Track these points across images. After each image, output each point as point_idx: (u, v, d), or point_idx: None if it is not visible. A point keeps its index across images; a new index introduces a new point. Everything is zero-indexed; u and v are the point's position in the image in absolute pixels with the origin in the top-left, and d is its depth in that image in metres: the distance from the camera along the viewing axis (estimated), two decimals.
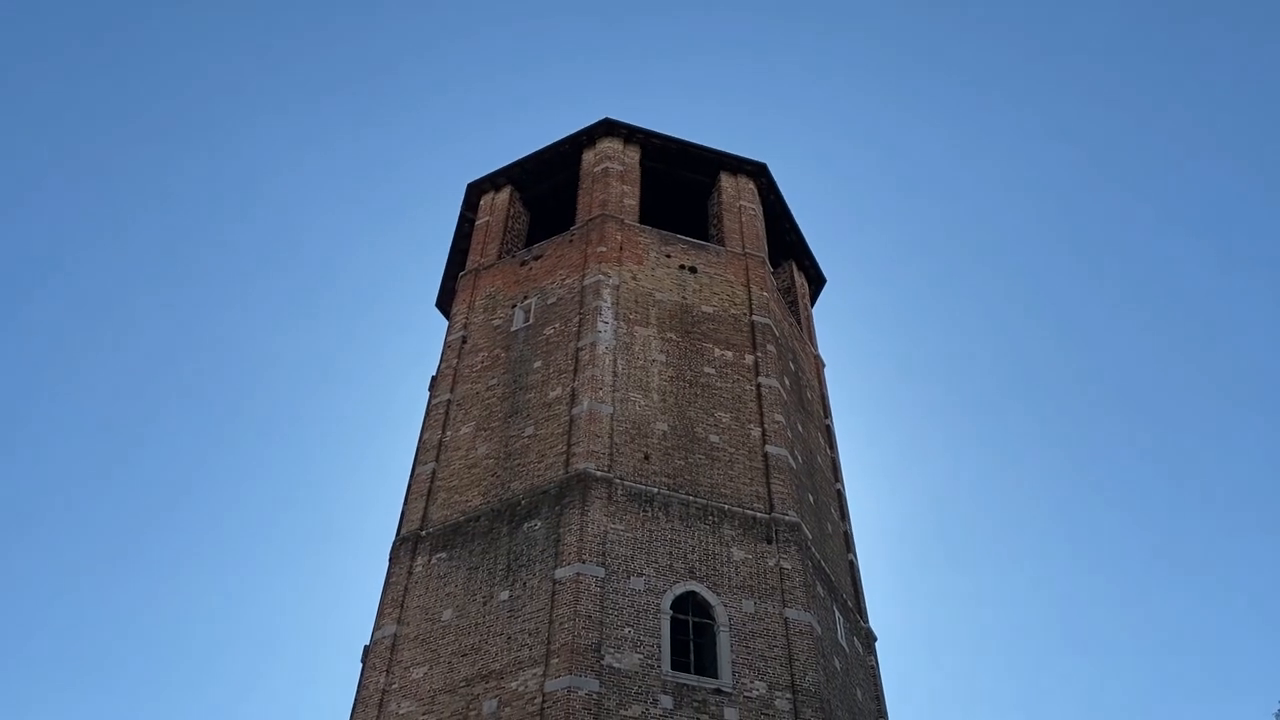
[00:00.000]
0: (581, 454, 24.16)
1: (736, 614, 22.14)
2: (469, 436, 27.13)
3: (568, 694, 19.53)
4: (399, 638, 22.97)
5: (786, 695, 21.03)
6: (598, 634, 20.66)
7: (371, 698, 21.99)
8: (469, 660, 21.57)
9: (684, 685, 20.55)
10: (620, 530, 22.75)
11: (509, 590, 22.39)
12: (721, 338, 28.80)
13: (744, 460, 25.69)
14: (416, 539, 24.89)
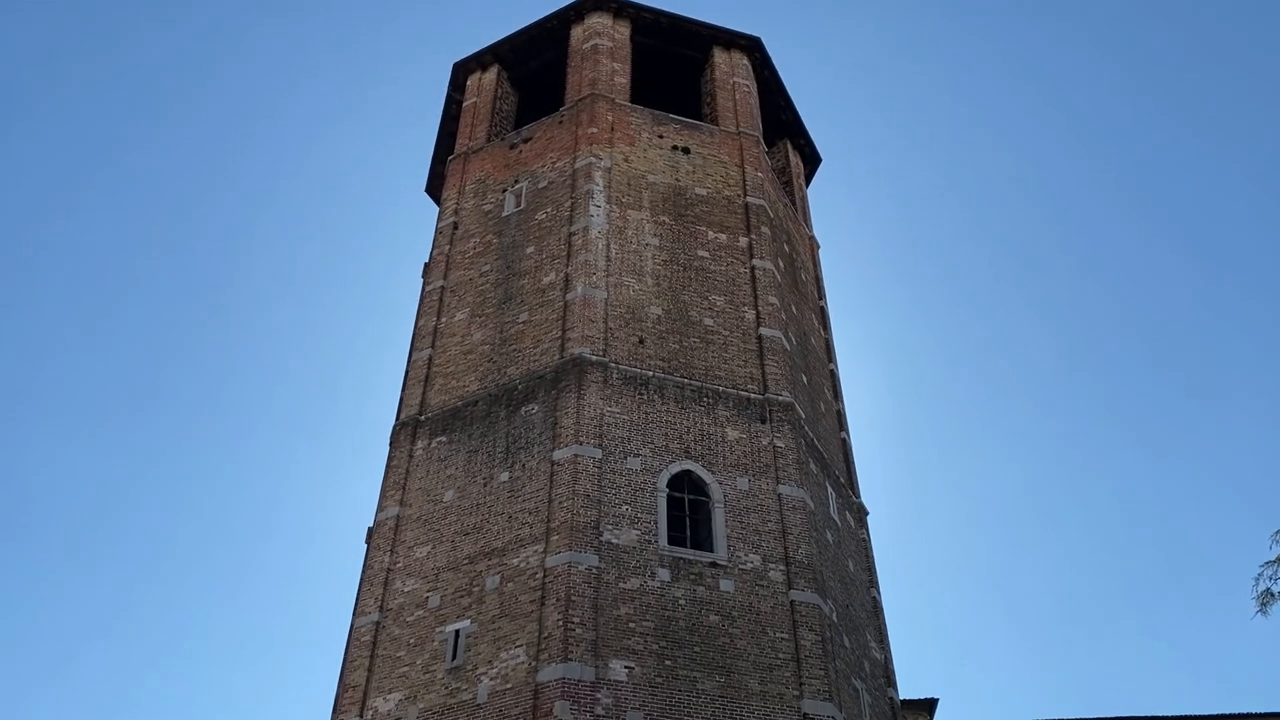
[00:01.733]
0: (576, 339, 24.29)
1: (731, 491, 22.63)
2: (464, 323, 27.20)
3: (568, 568, 20.11)
4: (402, 519, 23.49)
5: (780, 567, 21.67)
6: (596, 512, 21.15)
7: (377, 576, 22.62)
8: (471, 539, 22.13)
9: (680, 559, 21.15)
10: (616, 413, 23.05)
11: (508, 472, 22.81)
12: (715, 220, 28.61)
13: (738, 343, 25.86)
14: (416, 424, 25.22)
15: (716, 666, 19.78)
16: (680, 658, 19.67)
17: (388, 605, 22.02)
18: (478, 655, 20.06)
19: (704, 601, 20.63)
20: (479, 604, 20.86)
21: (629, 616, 19.91)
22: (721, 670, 19.76)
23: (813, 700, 19.80)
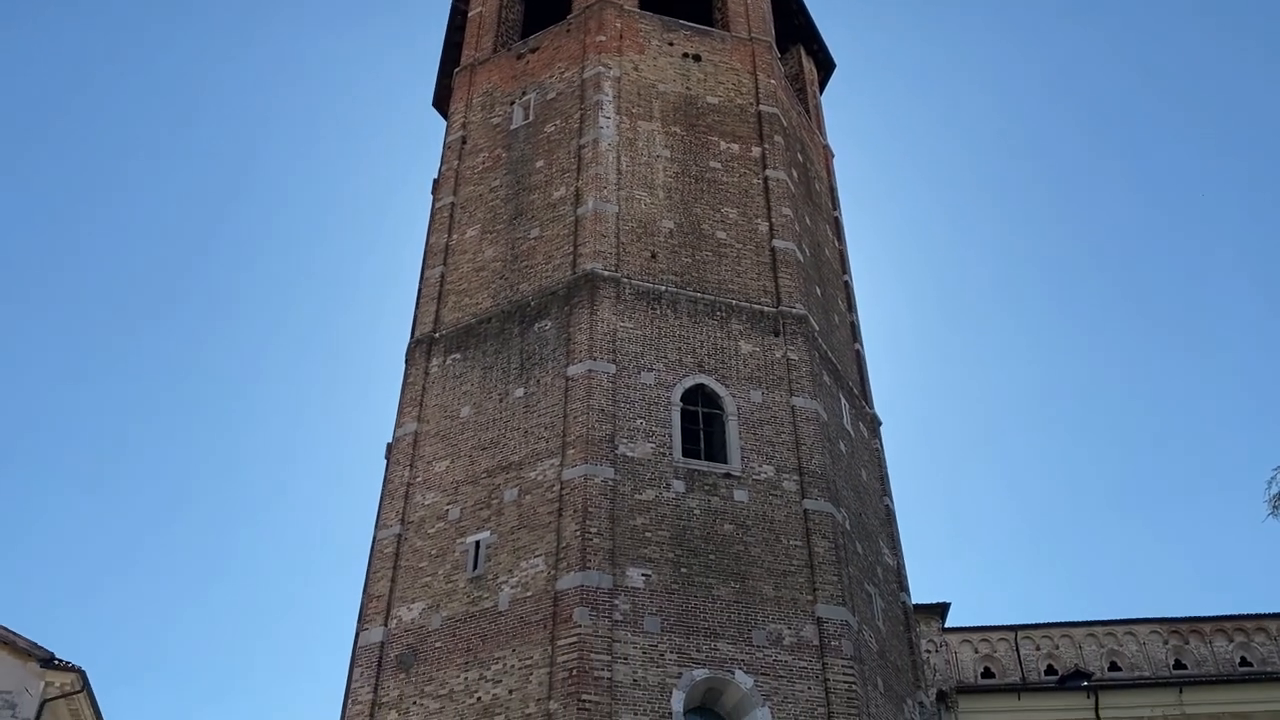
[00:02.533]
0: (588, 254, 24.25)
1: (745, 404, 22.81)
2: (475, 240, 27.15)
3: (584, 481, 20.45)
4: (420, 434, 23.83)
5: (794, 477, 21.98)
6: (611, 426, 21.40)
7: (397, 490, 23.06)
8: (488, 453, 22.47)
9: (695, 470, 21.46)
10: (629, 328, 23.14)
11: (524, 387, 23.03)
12: (727, 130, 28.24)
13: (751, 255, 25.77)
14: (430, 341, 25.39)
15: (731, 573, 20.22)
16: (696, 565, 20.11)
17: (409, 518, 22.50)
18: (498, 565, 20.56)
19: (718, 511, 21.00)
20: (498, 516, 21.29)
21: (645, 526, 20.31)
22: (736, 577, 20.20)
23: (826, 605, 20.28)
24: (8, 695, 22.63)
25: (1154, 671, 31.00)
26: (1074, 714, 28.48)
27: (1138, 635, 32.15)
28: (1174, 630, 32.17)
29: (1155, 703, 28.54)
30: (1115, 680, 30.46)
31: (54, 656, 23.27)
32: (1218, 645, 31.74)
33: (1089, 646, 31.98)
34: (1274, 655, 31.33)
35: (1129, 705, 28.58)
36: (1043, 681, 30.77)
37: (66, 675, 23.28)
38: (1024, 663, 31.72)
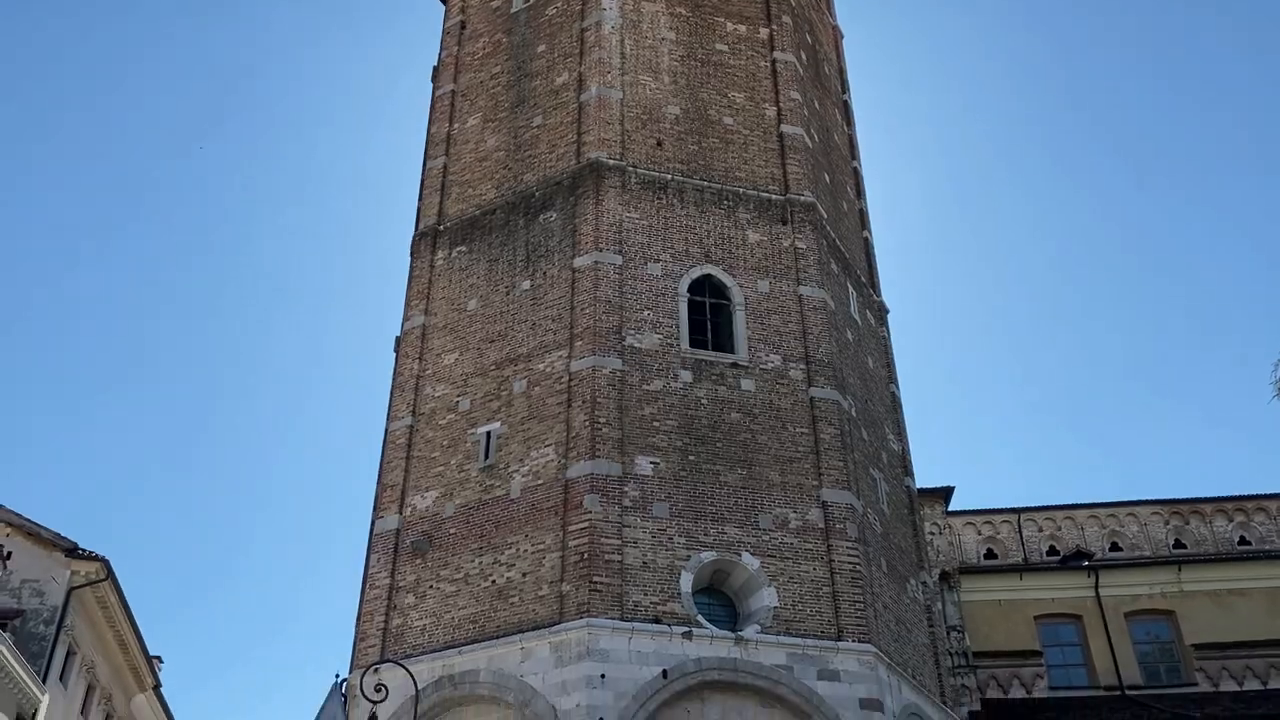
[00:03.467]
0: (592, 142, 23.86)
1: (752, 294, 22.76)
2: (477, 129, 26.70)
3: (592, 372, 20.58)
4: (428, 328, 23.89)
5: (800, 366, 22.08)
6: (618, 317, 21.42)
7: (407, 383, 23.25)
8: (496, 346, 22.56)
9: (702, 361, 21.56)
10: (635, 218, 22.93)
11: (530, 280, 22.97)
12: (734, 10, 27.41)
13: (759, 142, 25.33)
14: (435, 233, 25.23)
15: (738, 460, 20.51)
16: (703, 453, 20.38)
17: (420, 410, 22.74)
18: (509, 454, 20.86)
19: (725, 400, 21.17)
20: (508, 407, 21.50)
21: (653, 416, 20.52)
22: (743, 464, 20.50)
23: (831, 489, 20.61)
24: (35, 584, 23.32)
25: (1154, 551, 31.67)
26: (1074, 593, 29.20)
27: (1139, 516, 32.74)
28: (1175, 511, 32.73)
29: (1154, 580, 29.21)
30: (1115, 560, 31.14)
31: (77, 546, 23.88)
32: (1217, 525, 32.32)
33: (1090, 528, 32.60)
34: (1273, 534, 31.93)
35: (1128, 583, 29.27)
36: (1044, 562, 31.48)
37: (91, 564, 23.92)
38: (1026, 544, 32.40)
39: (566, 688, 17.48)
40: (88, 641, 25.16)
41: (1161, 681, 27.86)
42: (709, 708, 18.02)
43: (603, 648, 17.70)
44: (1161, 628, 28.88)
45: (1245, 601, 28.58)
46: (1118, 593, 29.00)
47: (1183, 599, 28.79)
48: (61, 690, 23.77)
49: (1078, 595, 29.09)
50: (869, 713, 18.30)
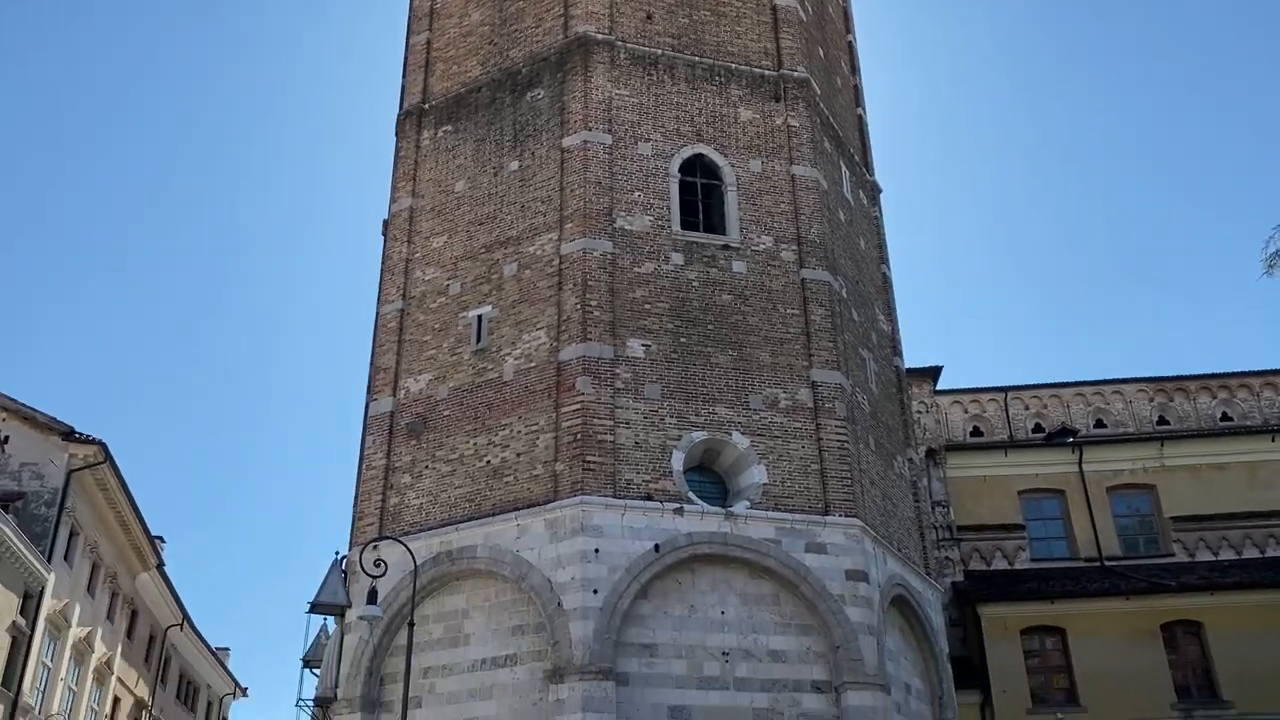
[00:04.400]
0: (580, 15, 23.16)
1: (744, 174, 22.48)
2: (461, 2, 25.87)
3: (583, 255, 20.47)
4: (415, 210, 23.63)
5: (792, 247, 21.98)
6: (608, 199, 21.19)
7: (397, 266, 23.12)
8: (486, 229, 22.36)
9: (693, 243, 21.44)
10: (625, 95, 22.44)
11: (518, 160, 22.61)
12: None
13: (751, 15, 24.62)
14: (420, 112, 24.70)
15: (729, 342, 20.61)
16: (694, 335, 20.46)
17: (410, 293, 22.68)
18: (501, 338, 20.92)
19: (717, 282, 21.14)
20: (498, 290, 21.45)
21: (644, 299, 20.51)
22: (734, 345, 20.61)
23: (821, 370, 20.79)
24: (34, 467, 23.60)
25: (1138, 428, 32.21)
26: (1057, 468, 29.83)
27: (1124, 394, 33.17)
28: (1160, 389, 33.16)
29: (1136, 456, 29.84)
30: (1099, 436, 31.70)
31: (74, 430, 24.07)
32: (1201, 402, 32.81)
33: (1076, 406, 33.07)
34: (1254, 411, 32.45)
35: (1111, 459, 29.89)
36: (1029, 439, 32.04)
37: (88, 448, 24.16)
38: (1012, 422, 32.90)
39: (561, 562, 17.96)
40: (89, 523, 25.62)
41: (1140, 553, 28.75)
42: (699, 579, 18.57)
43: (596, 524, 18.12)
44: (1142, 501, 29.64)
45: (1224, 476, 29.27)
46: (1100, 468, 29.64)
47: (1164, 473, 29.47)
48: (67, 569, 24.32)
49: (1061, 471, 29.73)
50: (854, 583, 18.88)
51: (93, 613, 26.21)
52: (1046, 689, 25.32)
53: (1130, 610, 25.58)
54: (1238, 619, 25.15)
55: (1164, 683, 24.78)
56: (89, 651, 25.86)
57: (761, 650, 18.20)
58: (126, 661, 29.42)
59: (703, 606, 18.34)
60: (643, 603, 17.98)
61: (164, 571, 31.22)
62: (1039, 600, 26.05)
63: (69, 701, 24.83)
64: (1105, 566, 27.94)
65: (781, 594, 18.74)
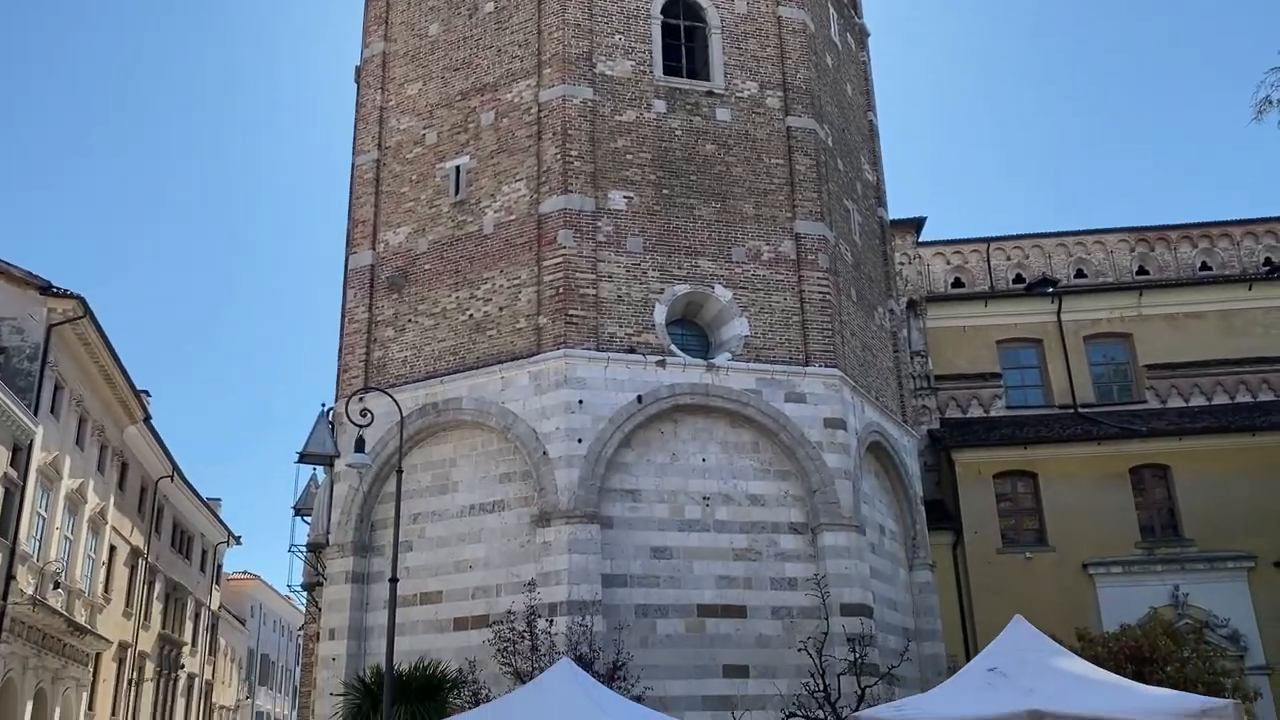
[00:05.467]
0: None
1: (729, 15, 21.72)
2: None
3: (562, 102, 19.94)
4: (388, 55, 22.84)
5: (777, 93, 21.46)
6: (587, 42, 20.50)
7: (371, 115, 22.52)
8: (461, 75, 21.68)
9: (676, 89, 20.88)
10: None
11: (493, 1, 21.74)
12: None
13: None
14: None
15: (713, 193, 20.36)
16: (677, 186, 20.18)
17: (386, 143, 22.16)
18: (480, 190, 20.58)
19: (700, 131, 20.72)
20: (476, 140, 20.97)
21: (626, 149, 20.11)
22: (717, 197, 20.37)
23: (805, 221, 20.64)
24: (13, 321, 23.46)
25: (1117, 278, 32.41)
26: (1036, 318, 30.13)
27: (1106, 244, 33.23)
28: (1141, 238, 33.21)
29: (1115, 305, 30.13)
30: (1079, 286, 31.91)
31: (51, 284, 23.83)
32: (1182, 252, 32.93)
33: (1058, 256, 33.14)
34: (1234, 260, 32.64)
35: (1089, 308, 30.18)
36: (1009, 289, 32.23)
37: (67, 302, 23.97)
38: (994, 273, 33.02)
39: (546, 413, 18.22)
40: (73, 377, 25.68)
41: (1114, 400, 29.39)
42: (681, 429, 18.93)
43: (579, 376, 18.30)
44: (1118, 350, 30.11)
45: (1200, 324, 29.66)
46: (1078, 317, 29.96)
47: (1141, 322, 29.84)
48: (54, 422, 24.52)
49: (1040, 320, 30.04)
50: (832, 430, 19.30)
51: (83, 465, 26.57)
52: (1017, 530, 26.29)
53: (1100, 454, 26.33)
54: (1203, 463, 25.96)
55: (1129, 523, 25.76)
56: (82, 502, 26.35)
57: (741, 495, 18.73)
58: (120, 512, 30.03)
59: (684, 454, 18.76)
60: (626, 451, 18.36)
61: (151, 425, 31.52)
62: (1012, 445, 26.75)
63: (66, 550, 25.46)
64: (1079, 413, 28.59)
65: (761, 442, 19.15)
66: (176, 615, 37.12)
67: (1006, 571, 24.87)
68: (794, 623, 17.53)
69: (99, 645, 27.80)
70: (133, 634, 31.76)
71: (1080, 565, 25.15)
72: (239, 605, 49.75)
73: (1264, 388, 28.92)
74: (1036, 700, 7.34)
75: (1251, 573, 24.98)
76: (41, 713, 24.38)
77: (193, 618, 39.47)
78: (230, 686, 47.53)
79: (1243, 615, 24.54)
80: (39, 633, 23.36)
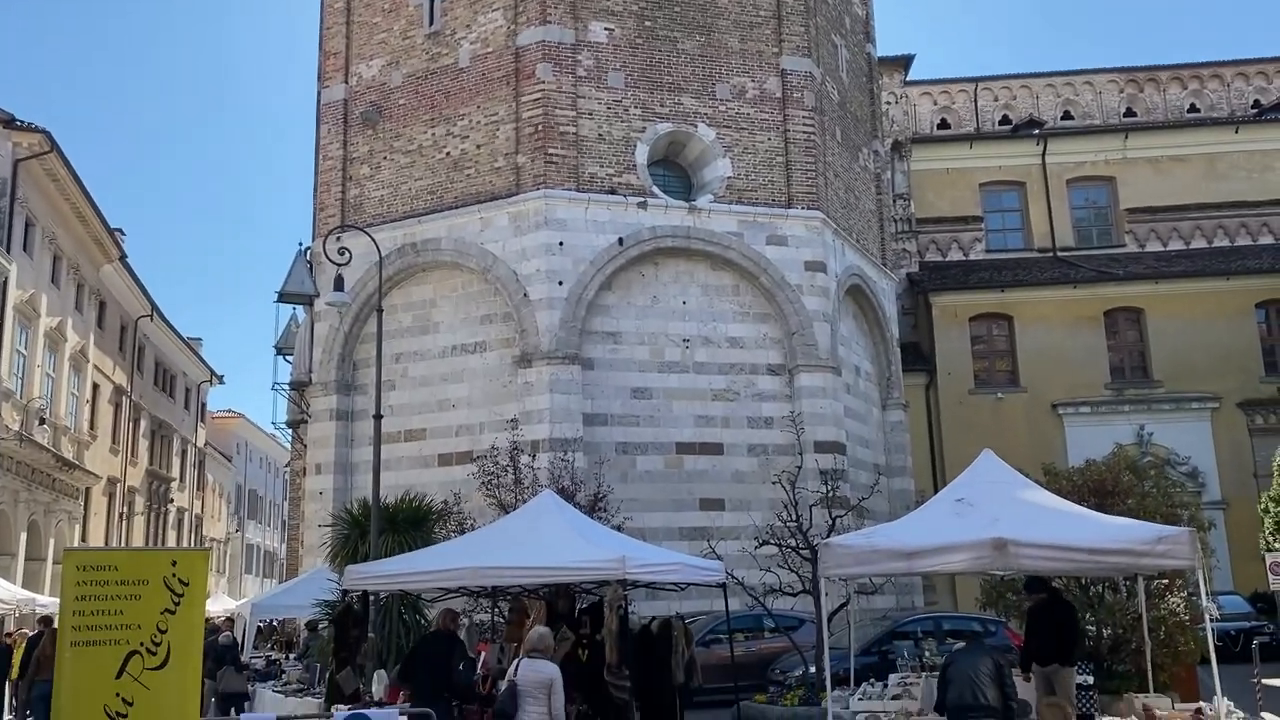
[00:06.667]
0: None
1: None
2: None
3: None
4: None
5: None
6: None
7: None
8: None
9: None
10: None
11: None
12: None
13: None
14: None
15: (697, 26, 19.71)
16: (660, 18, 19.50)
17: None
18: (455, 20, 19.82)
19: None
20: None
21: None
22: (702, 29, 19.73)
23: (791, 57, 20.10)
24: None
25: (1104, 120, 31.99)
26: (1021, 160, 29.85)
27: (1095, 85, 32.65)
28: (1131, 79, 32.62)
29: (1100, 148, 29.83)
30: (1065, 128, 31.52)
31: (15, 118, 23.06)
32: (1171, 94, 32.43)
33: (1046, 97, 32.58)
34: (1223, 102, 32.21)
35: (1074, 150, 29.89)
36: (995, 130, 31.80)
37: (32, 136, 23.26)
38: (980, 114, 32.50)
39: (526, 254, 18.13)
40: (45, 214, 25.19)
41: (1093, 244, 29.48)
42: (662, 272, 18.93)
43: (560, 217, 18.14)
44: (1100, 193, 30.01)
45: (1184, 167, 29.50)
46: (1063, 159, 29.70)
47: (1124, 165, 29.63)
48: (28, 260, 24.19)
49: (1024, 163, 29.76)
50: (812, 274, 19.35)
51: (61, 303, 26.37)
52: (990, 372, 26.80)
53: (1076, 298, 26.61)
54: (1177, 306, 26.31)
55: (1100, 365, 26.28)
56: (62, 340, 26.28)
57: (720, 337, 18.92)
58: (101, 350, 30.01)
59: (665, 297, 18.82)
60: (607, 294, 18.40)
61: (127, 263, 31.14)
62: (989, 289, 26.95)
63: (49, 388, 25.56)
64: (1057, 257, 28.71)
65: (741, 285, 19.21)
66: (163, 452, 37.69)
67: (977, 412, 25.48)
68: (769, 459, 18.03)
69: (88, 480, 28.28)
70: (121, 470, 32.28)
71: (1050, 406, 25.78)
72: (225, 443, 50.47)
73: (1242, 232, 29.04)
74: (1001, 529, 7.66)
75: (1215, 413, 25.72)
76: (36, 543, 25.02)
77: (179, 454, 40.09)
78: (220, 521, 48.76)
79: (1203, 454, 25.40)
80: (27, 468, 23.71)
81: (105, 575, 4.99)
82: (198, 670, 5.20)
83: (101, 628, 4.90)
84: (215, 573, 43.63)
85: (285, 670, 15.73)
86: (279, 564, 50.91)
